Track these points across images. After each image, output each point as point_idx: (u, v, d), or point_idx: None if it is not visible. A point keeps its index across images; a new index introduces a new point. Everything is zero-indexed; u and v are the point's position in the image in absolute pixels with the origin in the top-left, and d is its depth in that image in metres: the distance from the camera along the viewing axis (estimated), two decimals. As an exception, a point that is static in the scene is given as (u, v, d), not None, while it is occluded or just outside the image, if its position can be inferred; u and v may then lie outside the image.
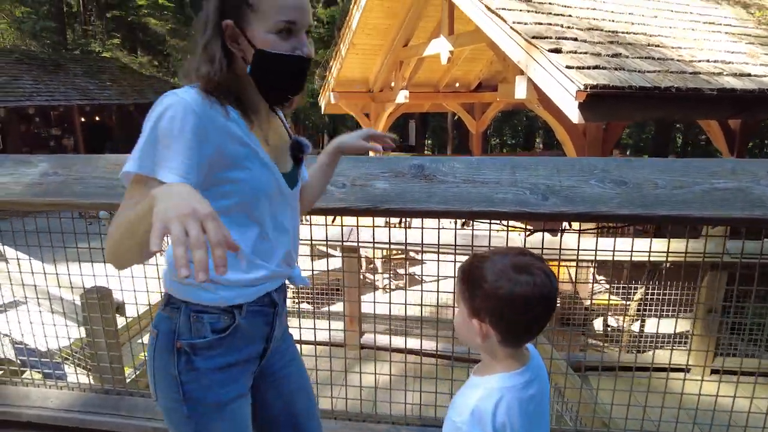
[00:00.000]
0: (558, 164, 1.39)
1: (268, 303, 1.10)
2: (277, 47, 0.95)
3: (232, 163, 0.96)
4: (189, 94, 0.92)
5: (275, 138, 1.09)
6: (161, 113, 0.89)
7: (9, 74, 12.27)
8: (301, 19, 0.96)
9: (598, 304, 4.15)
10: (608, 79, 3.71)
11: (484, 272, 0.88)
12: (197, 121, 0.89)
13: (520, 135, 22.25)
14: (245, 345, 1.07)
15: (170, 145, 0.87)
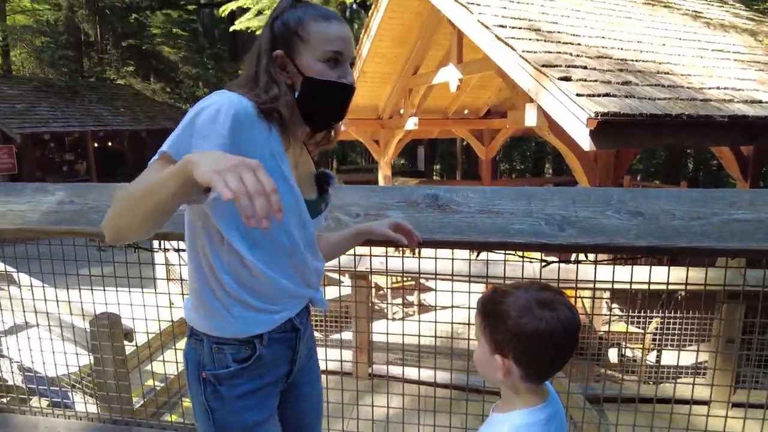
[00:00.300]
0: (573, 194, 1.38)
1: (290, 329, 1.12)
2: (325, 75, 1.01)
3: None
4: (241, 100, 0.95)
5: (303, 167, 1.13)
6: (207, 106, 0.90)
7: (27, 101, 12.58)
8: (347, 51, 1.04)
9: (612, 334, 4.08)
10: (619, 107, 3.72)
11: (507, 307, 0.86)
12: (237, 124, 0.90)
13: (530, 161, 22.29)
14: (269, 370, 1.10)
15: (206, 137, 0.88)
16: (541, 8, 5.64)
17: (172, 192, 0.78)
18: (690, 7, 7.64)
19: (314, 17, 1.02)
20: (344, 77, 1.03)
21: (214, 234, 1.00)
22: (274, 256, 1.04)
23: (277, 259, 1.05)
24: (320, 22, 1.02)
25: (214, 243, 1.00)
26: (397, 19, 6.89)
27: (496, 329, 0.88)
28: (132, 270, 1.99)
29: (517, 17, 5.05)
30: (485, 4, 5.09)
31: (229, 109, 0.90)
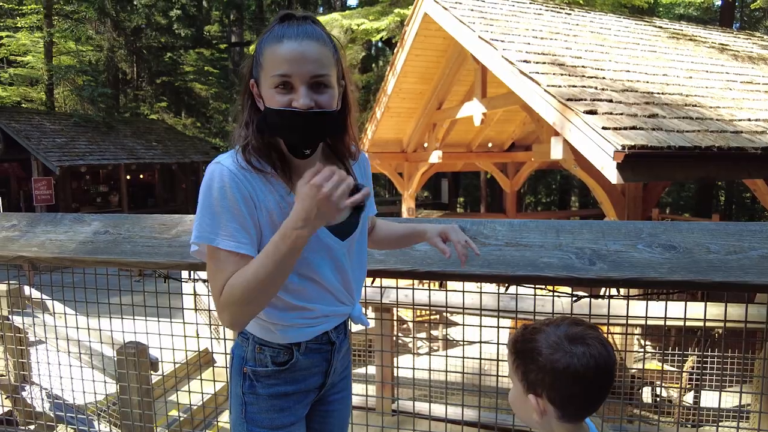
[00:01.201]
0: (603, 228, 1.36)
1: (326, 342, 1.17)
2: (275, 101, 0.96)
3: (265, 227, 1.02)
4: (230, 162, 0.99)
5: None
6: (209, 185, 0.98)
7: (67, 136, 13.17)
8: (297, 71, 0.94)
9: (645, 372, 3.92)
10: (646, 140, 3.69)
11: (538, 345, 0.85)
12: (243, 191, 0.98)
13: (555, 194, 22.08)
14: (303, 378, 1.15)
15: (222, 213, 0.97)
16: (565, 43, 5.69)
17: (293, 265, 0.96)
18: (716, 39, 7.61)
19: (270, 40, 0.97)
20: (296, 101, 0.94)
21: None
22: (304, 289, 1.09)
23: (307, 291, 1.09)
24: (273, 44, 0.96)
25: None
26: (422, 57, 7.04)
27: (528, 368, 0.86)
28: (161, 299, 2.03)
29: (540, 52, 5.11)
30: (509, 41, 5.18)
31: (231, 180, 0.97)
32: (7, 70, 16.99)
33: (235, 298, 0.95)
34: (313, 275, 1.09)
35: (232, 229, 0.97)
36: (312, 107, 0.95)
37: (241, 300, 0.94)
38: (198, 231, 0.99)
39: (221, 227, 0.97)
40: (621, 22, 7.28)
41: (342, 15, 10.53)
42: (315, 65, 0.95)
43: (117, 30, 17.81)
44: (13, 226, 1.78)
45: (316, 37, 0.97)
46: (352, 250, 1.16)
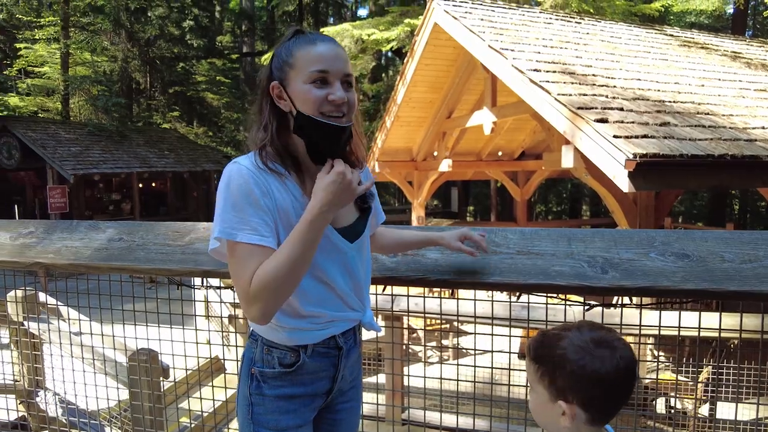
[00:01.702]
0: (615, 236, 1.35)
1: (334, 346, 1.17)
2: (310, 95, 1.03)
3: (279, 227, 1.05)
4: (248, 162, 1.04)
5: None
6: (228, 183, 1.02)
7: (82, 145, 13.37)
8: (333, 68, 1.04)
9: (659, 382, 3.87)
10: (658, 148, 3.67)
11: (564, 351, 0.85)
12: (262, 187, 1.02)
13: (566, 202, 21.95)
14: (311, 381, 1.16)
15: (244, 209, 1.00)
16: (575, 52, 5.69)
17: (314, 252, 1.02)
18: (728, 47, 7.56)
19: (302, 43, 1.06)
20: (333, 94, 1.03)
21: None
22: (314, 292, 1.11)
23: (316, 294, 1.11)
24: (306, 46, 1.05)
25: None
26: (432, 66, 7.07)
27: (555, 375, 0.86)
28: (173, 307, 2.04)
29: (551, 61, 5.11)
30: (519, 50, 5.19)
31: (249, 177, 1.02)
32: (24, 81, 17.33)
33: (268, 284, 0.98)
34: (323, 278, 1.11)
35: (255, 223, 1.00)
36: (344, 101, 1.05)
37: (275, 285, 0.98)
38: (221, 226, 1.01)
39: (244, 222, 1.00)
40: (632, 31, 7.26)
41: (353, 25, 10.63)
42: (347, 65, 1.07)
43: (131, 41, 18.10)
44: (31, 233, 1.80)
45: (340, 45, 1.10)
46: (362, 255, 1.18)
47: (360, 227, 1.17)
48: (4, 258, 1.73)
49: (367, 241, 1.22)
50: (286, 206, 1.05)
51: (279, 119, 1.08)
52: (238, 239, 1.00)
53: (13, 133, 12.79)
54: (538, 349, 0.89)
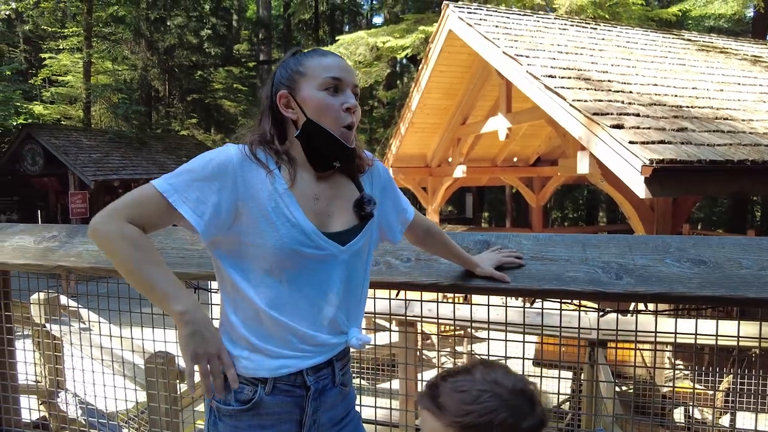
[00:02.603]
0: (630, 242, 1.35)
1: (299, 384, 1.05)
2: (326, 102, 1.03)
3: (251, 223, 1.00)
4: (236, 146, 1.04)
5: (335, 196, 1.09)
6: (206, 154, 1.02)
7: (102, 151, 13.64)
8: (346, 77, 1.05)
9: (677, 392, 3.80)
10: (675, 153, 3.63)
11: (491, 407, 0.76)
12: (223, 168, 0.99)
13: (582, 209, 21.73)
14: (271, 424, 1.03)
15: (196, 181, 0.98)
16: (591, 58, 5.66)
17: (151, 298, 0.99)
18: (748, 51, 7.45)
19: (312, 55, 1.07)
20: (346, 102, 1.04)
21: (225, 271, 1.05)
22: (282, 296, 1.02)
23: (288, 300, 1.02)
24: (317, 57, 1.06)
25: (225, 279, 1.06)
26: (446, 73, 7.09)
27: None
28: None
29: (566, 67, 5.10)
30: (534, 56, 5.18)
31: (221, 155, 1.00)
32: (48, 89, 17.76)
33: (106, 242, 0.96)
34: (303, 281, 1.02)
35: (195, 197, 0.97)
36: (357, 107, 1.06)
37: (108, 249, 0.96)
38: (165, 179, 0.99)
39: (186, 189, 0.97)
40: (648, 36, 7.20)
41: (368, 33, 10.71)
42: (355, 77, 1.08)
43: (151, 50, 18.46)
44: (54, 237, 1.85)
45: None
46: (357, 264, 1.09)
47: (353, 234, 1.08)
48: (28, 261, 1.78)
49: (366, 252, 1.13)
50: (261, 195, 1.00)
51: (278, 128, 1.07)
52: (170, 200, 0.97)
53: (37, 140, 13.10)
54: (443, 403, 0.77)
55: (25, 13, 18.41)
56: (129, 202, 0.98)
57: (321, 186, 1.08)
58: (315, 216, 1.05)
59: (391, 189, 1.22)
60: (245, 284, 1.02)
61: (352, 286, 1.09)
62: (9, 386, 2.05)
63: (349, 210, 1.10)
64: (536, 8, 9.49)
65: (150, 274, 0.95)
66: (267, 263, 1.01)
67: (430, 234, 1.29)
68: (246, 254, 1.02)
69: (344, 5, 23.09)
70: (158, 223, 1.00)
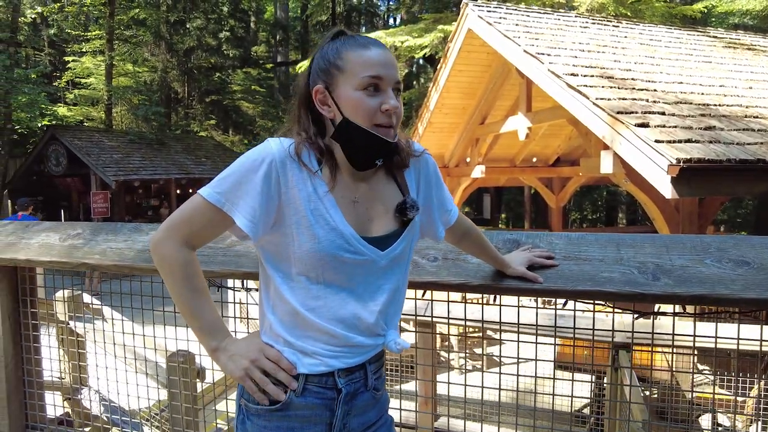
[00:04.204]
0: (666, 241, 1.29)
1: (331, 386, 1.02)
2: (365, 104, 0.96)
3: (292, 224, 0.98)
4: (280, 143, 0.99)
5: (375, 199, 1.06)
6: (248, 154, 0.99)
7: (123, 152, 13.86)
8: (387, 74, 0.97)
9: (703, 398, 3.69)
10: (703, 153, 3.54)
11: None
12: (266, 168, 0.97)
13: (602, 210, 21.43)
14: (300, 427, 1.01)
15: (242, 185, 0.96)
16: (613, 56, 5.56)
17: (191, 327, 1.02)
18: (777, 49, 7.25)
19: (352, 46, 0.99)
20: (386, 102, 0.96)
21: (267, 269, 1.05)
22: (319, 298, 1.00)
23: (325, 303, 1.00)
24: (358, 49, 0.98)
25: (266, 277, 1.06)
26: (465, 72, 7.03)
27: None
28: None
29: (588, 65, 5.01)
30: (555, 54, 5.10)
31: (266, 157, 0.97)
32: (72, 92, 18.12)
33: (164, 267, 1.00)
34: (341, 284, 1.00)
35: (247, 204, 0.96)
36: (397, 109, 0.98)
37: (165, 272, 1.00)
38: (211, 188, 0.97)
39: (236, 197, 0.96)
40: (672, 33, 7.06)
41: (386, 33, 10.69)
42: (396, 72, 1.00)
43: (170, 52, 18.70)
44: (78, 235, 1.86)
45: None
46: (397, 269, 1.06)
47: (393, 239, 1.04)
48: (54, 258, 1.79)
49: (407, 256, 1.09)
50: (301, 197, 0.97)
51: (317, 124, 1.02)
52: (225, 210, 0.96)
53: (60, 141, 13.38)
54: None
55: (50, 17, 18.82)
56: (184, 217, 1.00)
57: (361, 188, 1.05)
58: (355, 220, 1.02)
59: (437, 185, 1.15)
60: (283, 284, 1.02)
61: (390, 290, 1.05)
62: (35, 383, 2.07)
63: (389, 214, 1.06)
64: (556, 7, 9.37)
65: (192, 307, 1.00)
66: (305, 266, 0.99)
67: (468, 234, 1.25)
68: (285, 255, 1.01)
69: (361, 6, 23.12)
70: (213, 233, 1.02)
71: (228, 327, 1.05)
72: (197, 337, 1.02)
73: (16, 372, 2.02)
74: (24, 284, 2.01)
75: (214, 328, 1.02)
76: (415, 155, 1.10)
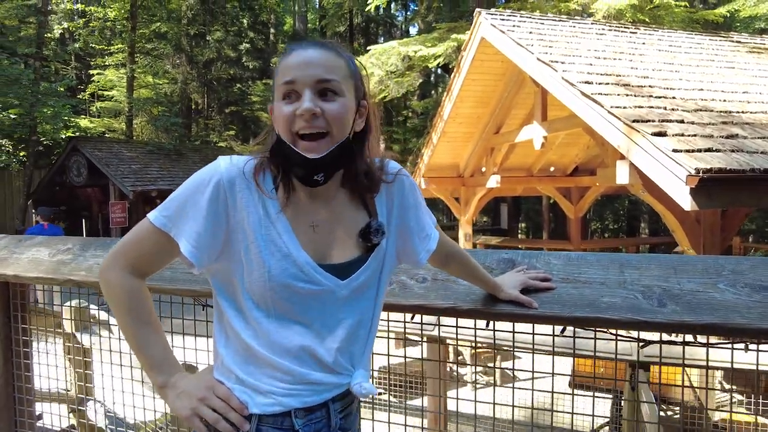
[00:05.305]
0: (674, 263, 1.19)
1: (288, 427, 0.92)
2: (280, 112, 0.90)
3: (240, 251, 0.91)
4: (230, 162, 0.93)
5: (337, 223, 0.97)
6: (197, 174, 0.93)
7: (142, 163, 14.10)
8: (301, 75, 0.88)
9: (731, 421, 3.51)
10: (724, 162, 3.38)
11: None
12: (213, 189, 0.90)
13: (623, 220, 20.99)
14: None
15: (188, 208, 0.90)
16: (630, 63, 5.42)
17: (138, 359, 0.95)
18: (804, 54, 7.00)
19: (282, 55, 0.95)
20: (300, 106, 0.88)
21: (218, 300, 0.99)
22: (271, 333, 0.91)
23: (278, 338, 0.91)
24: (283, 57, 0.93)
25: (218, 308, 0.99)
26: (479, 81, 6.95)
27: None
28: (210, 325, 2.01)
29: (603, 73, 4.88)
30: (569, 62, 4.99)
31: (213, 177, 0.90)
32: (95, 104, 18.56)
33: (108, 292, 0.94)
34: (295, 317, 0.92)
35: (191, 228, 0.89)
36: (316, 113, 0.88)
37: (111, 301, 0.94)
38: (159, 212, 0.91)
39: (182, 221, 0.90)
40: (693, 39, 6.87)
41: (400, 43, 10.67)
42: (321, 69, 0.89)
43: (190, 64, 19.05)
44: (68, 250, 1.82)
45: (327, 48, 0.93)
46: (362, 301, 0.96)
47: (356, 267, 0.95)
48: (41, 274, 1.75)
49: (375, 286, 0.99)
50: (251, 221, 0.90)
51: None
52: (173, 235, 0.90)
53: (81, 152, 13.69)
54: None
55: (76, 32, 19.37)
56: (132, 242, 0.94)
57: (321, 211, 0.95)
58: (312, 246, 0.93)
59: (416, 207, 1.05)
60: (235, 316, 0.94)
61: (352, 324, 0.96)
62: (25, 399, 2.03)
63: (353, 239, 0.97)
64: (572, 14, 9.23)
65: (138, 340, 0.93)
66: (256, 296, 0.91)
67: (453, 257, 1.16)
68: (235, 285, 0.93)
69: (379, 17, 23.25)
70: (163, 260, 0.95)
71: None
72: (145, 371, 0.95)
73: (6, 388, 1.99)
74: (15, 299, 1.99)
75: (163, 362, 0.94)
76: (387, 181, 0.99)
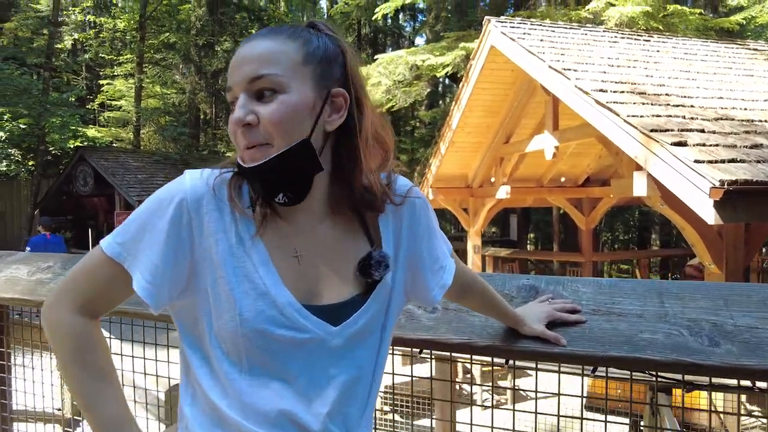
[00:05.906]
0: (724, 292, 1.02)
1: None
2: (229, 124, 0.75)
3: (208, 287, 0.73)
4: (199, 177, 0.75)
5: (329, 252, 0.78)
6: (157, 192, 0.76)
7: (147, 173, 14.09)
8: (234, 78, 0.73)
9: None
10: (750, 174, 3.20)
11: None
12: (175, 210, 0.73)
13: (634, 231, 20.69)
14: None
15: (145, 233, 0.73)
16: (645, 71, 5.26)
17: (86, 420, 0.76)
18: (824, 62, 6.81)
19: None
20: (233, 113, 0.73)
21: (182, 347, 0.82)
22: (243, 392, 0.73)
23: (251, 399, 0.73)
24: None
25: (183, 357, 0.81)
26: (488, 90, 6.82)
27: None
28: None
29: (618, 81, 4.73)
30: (582, 70, 4.85)
31: (175, 197, 0.74)
32: (103, 114, 18.66)
33: (52, 336, 0.76)
34: (274, 373, 0.73)
35: (147, 259, 0.72)
36: (247, 122, 0.71)
37: (54, 346, 0.76)
38: (113, 237, 0.75)
39: (138, 250, 0.73)
40: (708, 47, 6.70)
41: (407, 52, 10.58)
42: (255, 64, 0.71)
43: (199, 74, 19.10)
44: (48, 268, 1.70)
45: (273, 34, 0.73)
46: (360, 350, 0.78)
47: (353, 309, 0.76)
48: (17, 295, 1.62)
49: (378, 331, 0.80)
50: (219, 248, 0.73)
51: None
52: (128, 269, 0.73)
53: (88, 162, 13.72)
54: None
55: (86, 43, 19.54)
56: (81, 275, 0.77)
57: (307, 236, 0.77)
58: (295, 280, 0.75)
59: (429, 234, 0.86)
60: (201, 368, 0.76)
61: (346, 383, 0.76)
62: (9, 418, 1.90)
63: (349, 273, 0.78)
64: (583, 22, 9.10)
65: (85, 393, 0.75)
66: (226, 345, 0.73)
67: (470, 288, 0.97)
68: (201, 329, 0.75)
69: (386, 28, 23.26)
70: (119, 295, 0.77)
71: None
72: (90, 426, 0.76)
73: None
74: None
75: (113, 423, 0.74)
76: (395, 202, 0.80)
